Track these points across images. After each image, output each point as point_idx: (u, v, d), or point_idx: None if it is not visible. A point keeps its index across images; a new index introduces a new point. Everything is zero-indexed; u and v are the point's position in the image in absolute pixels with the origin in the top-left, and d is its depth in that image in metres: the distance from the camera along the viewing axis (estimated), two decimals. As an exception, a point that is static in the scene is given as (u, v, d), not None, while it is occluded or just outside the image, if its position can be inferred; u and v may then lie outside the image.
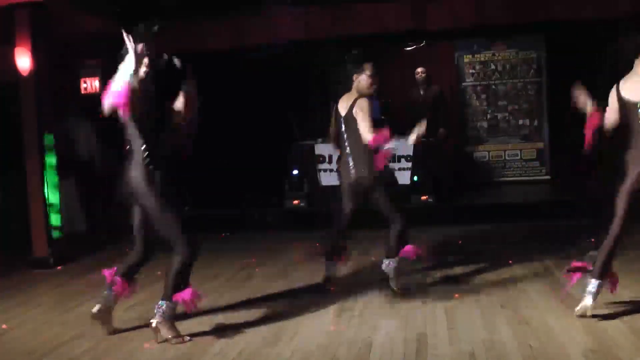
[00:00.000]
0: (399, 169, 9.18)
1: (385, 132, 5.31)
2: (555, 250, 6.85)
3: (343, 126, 5.61)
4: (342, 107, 5.63)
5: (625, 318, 4.58)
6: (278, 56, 10.59)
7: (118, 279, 4.84)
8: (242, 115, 10.79)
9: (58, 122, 8.10)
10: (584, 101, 4.76)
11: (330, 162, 9.64)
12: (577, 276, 4.75)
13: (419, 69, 10.29)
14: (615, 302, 4.92)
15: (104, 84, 10.07)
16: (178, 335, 4.63)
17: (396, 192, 5.75)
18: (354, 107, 5.48)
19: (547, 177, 11.60)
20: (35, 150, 7.52)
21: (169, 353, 4.45)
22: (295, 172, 9.78)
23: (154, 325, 4.60)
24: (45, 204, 7.54)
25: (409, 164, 9.50)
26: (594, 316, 4.60)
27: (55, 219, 7.68)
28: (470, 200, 10.00)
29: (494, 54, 11.83)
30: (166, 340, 4.58)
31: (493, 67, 11.85)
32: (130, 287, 4.93)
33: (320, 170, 9.67)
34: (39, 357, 4.53)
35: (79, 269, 7.36)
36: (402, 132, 5.54)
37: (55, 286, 6.64)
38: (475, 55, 11.88)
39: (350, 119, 5.53)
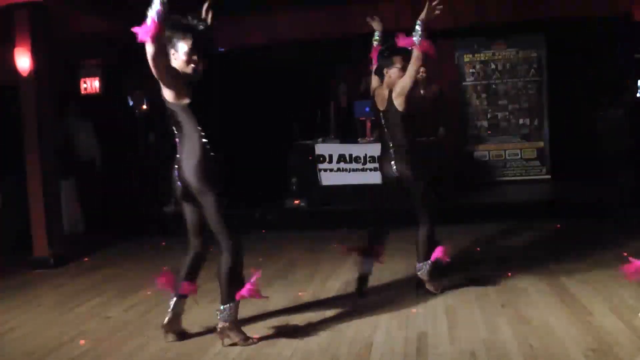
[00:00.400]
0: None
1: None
2: (555, 249, 6.85)
3: (383, 121, 5.57)
4: (380, 103, 5.58)
5: (626, 317, 4.57)
6: (278, 55, 10.61)
7: (184, 283, 4.66)
8: (242, 115, 10.79)
9: (58, 123, 8.12)
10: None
11: (330, 161, 9.63)
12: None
13: (420, 68, 10.24)
14: (615, 302, 4.93)
15: (104, 84, 10.18)
16: (246, 337, 4.52)
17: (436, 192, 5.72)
18: (393, 95, 5.43)
19: (548, 176, 11.60)
20: (35, 151, 7.51)
21: (170, 353, 4.45)
22: (295, 171, 9.79)
23: (219, 330, 4.50)
24: (45, 204, 7.54)
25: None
26: (595, 315, 4.61)
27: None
28: (471, 199, 9.98)
29: (494, 53, 11.82)
30: (235, 344, 4.48)
31: (493, 66, 11.84)
32: (195, 286, 4.75)
33: (320, 170, 9.66)
34: (39, 358, 4.53)
35: (79, 269, 7.37)
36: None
37: (55, 286, 6.64)
38: (476, 55, 11.87)
39: (389, 113, 5.49)
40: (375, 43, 5.81)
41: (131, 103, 10.57)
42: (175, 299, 4.69)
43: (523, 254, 6.73)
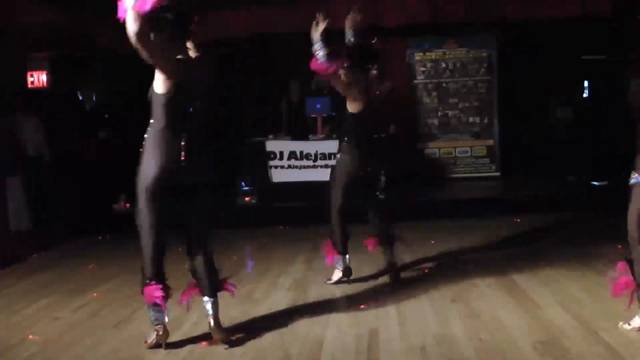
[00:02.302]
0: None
1: None
2: (504, 245, 6.97)
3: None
4: None
5: (573, 309, 4.66)
6: (230, 51, 10.53)
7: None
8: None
9: (4, 117, 7.93)
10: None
11: (281, 158, 9.61)
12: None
13: (372, 65, 10.28)
14: (563, 295, 5.02)
15: (52, 77, 9.95)
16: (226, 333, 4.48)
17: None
18: None
19: (497, 173, 11.78)
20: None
21: (122, 353, 4.37)
22: (246, 168, 9.76)
23: (212, 325, 4.41)
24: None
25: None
26: (543, 308, 4.70)
27: None
28: (421, 196, 10.07)
29: (445, 53, 11.95)
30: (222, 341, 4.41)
31: (444, 65, 11.97)
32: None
33: (271, 167, 9.63)
34: (-16, 359, 4.41)
35: (25, 269, 7.17)
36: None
37: (1, 287, 6.44)
38: (427, 53, 11.98)
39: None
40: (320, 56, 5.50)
41: (81, 98, 10.38)
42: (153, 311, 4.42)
43: (473, 249, 6.82)
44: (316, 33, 5.32)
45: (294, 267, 6.46)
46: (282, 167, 9.62)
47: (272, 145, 9.67)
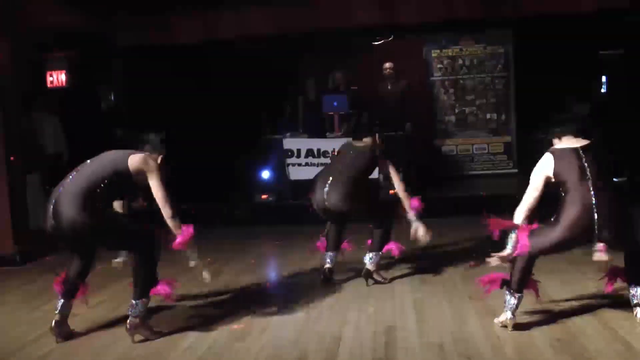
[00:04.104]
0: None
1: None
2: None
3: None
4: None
5: (592, 308, 4.65)
6: (247, 50, 10.56)
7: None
8: (211, 109, 10.73)
9: (23, 116, 7.99)
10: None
11: (298, 156, 9.63)
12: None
13: (387, 64, 10.32)
14: (581, 293, 5.00)
15: (71, 77, 10.03)
16: (154, 331, 4.61)
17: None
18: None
19: (515, 170, 11.72)
20: (1, 146, 7.39)
21: (138, 350, 4.42)
22: (263, 166, 9.77)
23: (128, 325, 4.53)
24: (10, 200, 7.42)
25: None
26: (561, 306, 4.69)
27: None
28: (438, 193, 10.04)
29: (461, 49, 11.91)
30: (146, 339, 4.53)
31: (461, 61, 11.93)
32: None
33: (288, 164, 9.64)
34: (5, 357, 4.46)
35: (45, 266, 7.24)
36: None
37: (21, 284, 6.53)
38: (444, 50, 11.95)
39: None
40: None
41: (99, 96, 10.46)
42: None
43: (490, 247, 6.78)
44: None
45: (311, 265, 6.48)
46: (299, 164, 9.64)
47: (289, 143, 9.68)
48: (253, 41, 10.26)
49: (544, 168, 4.44)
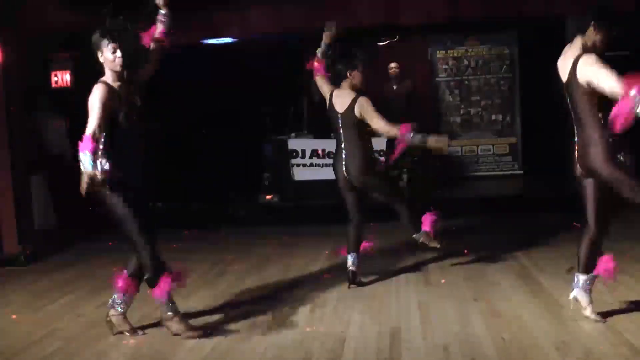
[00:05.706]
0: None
1: (407, 124, 5.48)
2: (527, 243, 6.91)
3: (340, 123, 5.63)
4: (339, 104, 5.62)
5: (597, 310, 4.61)
6: (250, 50, 10.56)
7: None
8: (215, 109, 10.74)
9: (28, 116, 8.00)
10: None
11: (303, 157, 9.62)
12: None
13: (392, 64, 10.30)
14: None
15: (75, 77, 10.03)
16: (133, 328, 4.72)
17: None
18: (355, 107, 5.50)
19: (520, 171, 11.71)
20: (5, 146, 7.40)
21: (144, 349, 4.42)
22: (268, 167, 9.78)
23: (108, 318, 4.71)
24: (15, 200, 7.43)
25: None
26: (566, 308, 4.66)
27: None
28: (444, 194, 10.03)
29: (466, 50, 11.90)
30: (121, 332, 4.68)
31: (466, 62, 11.92)
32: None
33: (293, 165, 9.64)
34: (9, 357, 4.46)
35: (50, 265, 7.26)
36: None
37: (26, 284, 6.54)
38: (449, 51, 11.94)
39: (348, 117, 5.56)
40: (319, 55, 5.86)
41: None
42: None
43: (495, 248, 6.78)
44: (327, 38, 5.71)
45: (316, 265, 6.47)
46: (304, 165, 9.63)
47: (294, 143, 9.68)
48: (256, 41, 10.26)
49: None
